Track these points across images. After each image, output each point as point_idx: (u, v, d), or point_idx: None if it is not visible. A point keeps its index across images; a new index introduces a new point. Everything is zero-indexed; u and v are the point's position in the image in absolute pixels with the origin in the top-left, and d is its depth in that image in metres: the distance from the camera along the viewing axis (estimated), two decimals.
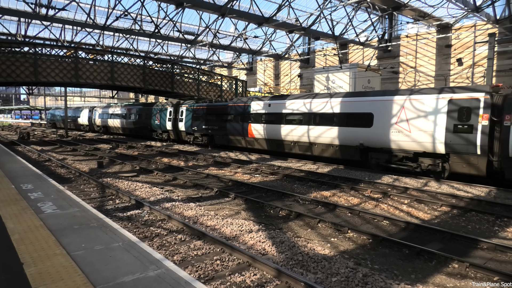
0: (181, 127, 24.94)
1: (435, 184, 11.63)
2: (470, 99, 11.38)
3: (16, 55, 21.71)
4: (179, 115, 24.96)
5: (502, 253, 6.10)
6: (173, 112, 25.78)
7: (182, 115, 24.66)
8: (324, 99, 15.94)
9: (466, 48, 25.08)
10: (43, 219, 5.69)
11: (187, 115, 24.13)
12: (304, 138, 16.45)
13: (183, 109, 24.68)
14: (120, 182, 11.60)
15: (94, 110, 39.72)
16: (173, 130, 25.95)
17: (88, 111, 41.39)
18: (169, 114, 26.21)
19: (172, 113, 25.92)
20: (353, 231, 7.07)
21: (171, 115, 25.97)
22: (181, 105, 25.13)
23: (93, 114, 39.84)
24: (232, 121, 20.39)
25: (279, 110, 17.62)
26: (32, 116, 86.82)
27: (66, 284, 3.56)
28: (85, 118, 42.29)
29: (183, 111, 24.63)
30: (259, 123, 18.57)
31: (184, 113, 24.49)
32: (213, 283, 4.75)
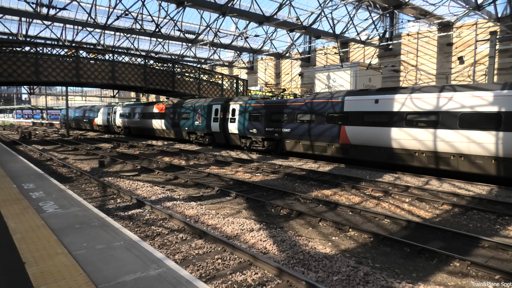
0: (232, 129, 20.63)
1: (436, 183, 11.61)
2: None
3: (17, 54, 21.76)
4: (230, 114, 20.67)
5: (503, 252, 6.09)
6: (221, 110, 21.48)
7: (234, 114, 20.42)
8: (482, 93, 11.36)
9: (467, 46, 25.01)
10: (45, 218, 5.71)
11: (242, 115, 19.89)
12: (443, 147, 12.05)
13: (235, 107, 20.46)
14: (121, 181, 11.61)
15: (114, 110, 35.17)
16: (220, 132, 21.65)
17: (106, 111, 36.79)
18: (214, 113, 21.90)
19: (219, 111, 21.60)
20: (354, 229, 7.06)
21: (217, 115, 21.64)
22: (233, 102, 20.95)
23: (113, 114, 35.32)
24: (313, 122, 16.19)
25: (395, 108, 13.38)
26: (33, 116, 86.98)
27: (68, 283, 3.57)
28: (102, 119, 37.50)
29: (235, 110, 20.40)
30: (359, 125, 14.31)
31: (236, 112, 20.25)
32: (214, 282, 4.76)
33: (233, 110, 20.54)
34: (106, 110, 36.56)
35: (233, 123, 20.50)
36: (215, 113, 21.81)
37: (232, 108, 20.64)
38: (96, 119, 38.84)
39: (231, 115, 20.62)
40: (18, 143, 25.15)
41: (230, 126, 20.68)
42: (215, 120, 21.77)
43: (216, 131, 21.87)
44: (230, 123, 20.66)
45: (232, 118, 20.56)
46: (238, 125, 20.14)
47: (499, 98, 10.96)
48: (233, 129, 20.54)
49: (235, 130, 20.41)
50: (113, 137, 32.73)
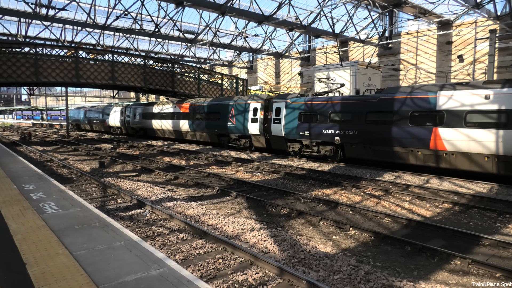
0: (276, 131, 17.65)
1: (436, 181, 11.61)
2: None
3: (17, 55, 21.75)
4: (273, 113, 17.83)
5: (504, 250, 6.09)
6: (261, 109, 18.72)
7: (278, 114, 17.55)
8: None
9: (467, 44, 25.00)
10: (45, 219, 5.71)
11: (289, 114, 16.95)
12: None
13: (280, 106, 17.60)
14: (122, 181, 11.61)
15: (129, 109, 32.61)
16: (259, 135, 18.85)
17: (120, 111, 33.95)
18: (252, 113, 19.10)
19: (258, 111, 18.82)
20: (355, 228, 7.06)
21: (256, 114, 18.86)
22: (277, 100, 18.15)
23: (128, 114, 32.61)
24: (390, 123, 13.32)
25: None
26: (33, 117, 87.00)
27: (69, 284, 3.57)
28: (116, 119, 34.68)
29: (280, 109, 17.53)
30: (463, 127, 11.52)
31: (282, 111, 17.36)
32: (215, 282, 4.76)
33: (278, 109, 17.61)
34: (120, 110, 33.87)
35: (277, 124, 17.48)
36: (254, 113, 18.98)
37: (276, 107, 17.74)
38: (108, 120, 36.14)
39: (275, 114, 17.66)
40: (18, 144, 25.16)
41: (274, 128, 17.65)
42: (254, 120, 18.92)
43: (255, 134, 18.95)
44: (273, 124, 17.67)
45: (276, 118, 17.59)
46: (284, 127, 17.08)
47: None
48: (277, 131, 17.50)
49: (279, 132, 17.37)
50: (113, 137, 32.72)
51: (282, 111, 17.42)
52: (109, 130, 37.23)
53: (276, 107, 17.83)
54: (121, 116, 33.62)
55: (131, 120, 31.83)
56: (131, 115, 32.00)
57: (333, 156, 15.54)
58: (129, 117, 32.20)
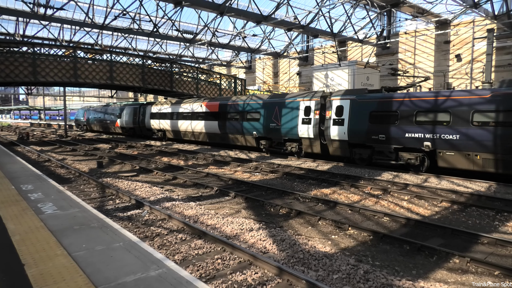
0: (337, 134, 14.92)
1: (435, 180, 11.64)
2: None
3: (15, 55, 21.68)
4: (333, 113, 15.15)
5: (502, 248, 6.12)
6: (315, 109, 16.02)
7: (340, 113, 14.87)
8: None
9: (464, 44, 25.06)
10: (44, 219, 5.69)
11: (356, 114, 14.34)
12: None
13: (343, 104, 14.89)
14: (120, 182, 11.59)
15: (143, 109, 30.00)
16: (313, 138, 16.13)
17: (132, 111, 31.45)
18: (304, 113, 16.39)
19: (311, 110, 16.11)
20: (353, 228, 7.07)
21: (309, 114, 16.19)
22: (338, 97, 15.21)
23: (142, 114, 30.15)
24: None
25: None
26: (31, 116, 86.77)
27: (68, 285, 3.56)
28: (127, 120, 32.10)
29: (343, 107, 14.84)
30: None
31: (346, 110, 14.71)
32: (214, 282, 4.76)
33: (339, 108, 14.93)
34: (133, 110, 31.25)
35: (339, 126, 14.80)
36: (306, 112, 16.27)
37: (337, 106, 15.03)
38: (119, 121, 33.30)
39: (336, 114, 14.99)
40: (16, 144, 25.08)
41: (334, 131, 14.97)
42: (306, 121, 16.20)
43: (307, 137, 16.23)
44: (333, 126, 15.01)
45: (337, 119, 14.92)
46: (349, 129, 14.45)
47: None
48: (338, 135, 14.88)
49: (342, 135, 14.73)
50: (111, 137, 32.65)
51: (346, 110, 14.67)
52: (119, 131, 34.71)
53: (337, 105, 15.04)
54: (134, 117, 30.99)
55: (147, 121, 29.08)
56: (146, 115, 29.26)
57: (418, 165, 12.88)
58: (145, 118, 29.48)
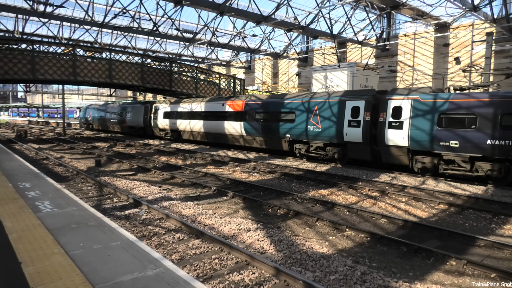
0: (394, 139, 13.11)
1: (432, 182, 11.67)
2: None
3: (14, 52, 21.62)
4: (390, 115, 13.28)
5: (499, 250, 6.14)
6: (365, 109, 14.16)
7: (399, 115, 13.09)
8: None
9: (463, 47, 25.14)
10: (41, 218, 5.68)
11: (421, 116, 12.57)
12: None
13: (401, 105, 13.12)
14: (118, 180, 11.58)
15: (155, 107, 27.89)
16: (362, 143, 14.19)
17: (142, 109, 29.48)
18: (351, 114, 14.55)
19: (361, 111, 14.25)
20: (351, 229, 7.09)
21: (357, 116, 14.32)
22: (397, 97, 13.38)
23: (154, 113, 28.01)
24: None
25: None
26: (29, 114, 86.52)
27: (64, 283, 3.55)
28: (137, 119, 30.28)
29: (401, 108, 13.08)
30: None
31: (406, 111, 12.92)
32: (211, 282, 4.76)
33: (397, 110, 13.15)
34: (144, 108, 29.34)
35: (396, 130, 13.03)
36: (354, 114, 14.42)
37: (394, 106, 13.24)
38: (128, 120, 31.43)
39: (393, 116, 13.21)
40: (14, 142, 25.00)
41: (390, 135, 13.18)
42: (353, 124, 14.35)
43: (354, 141, 14.36)
44: (389, 130, 13.22)
45: (394, 121, 13.12)
46: (410, 134, 12.65)
47: None
48: (395, 140, 13.07)
49: (400, 141, 12.94)
50: (109, 136, 32.58)
51: (406, 112, 12.90)
52: (128, 131, 32.71)
53: (394, 106, 13.26)
54: (145, 116, 29.12)
55: (160, 120, 27.10)
56: (158, 114, 27.32)
57: (501, 178, 11.16)
58: (157, 117, 27.54)
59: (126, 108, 32.10)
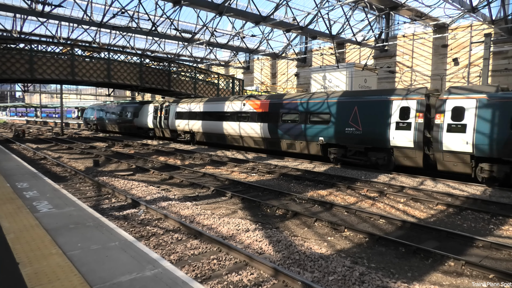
0: (454, 144, 11.60)
1: (431, 183, 11.69)
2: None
3: (12, 51, 21.56)
4: (450, 117, 11.77)
5: (497, 251, 6.15)
6: (418, 110, 12.64)
7: (460, 117, 11.61)
8: None
9: (462, 48, 25.21)
10: (39, 218, 5.65)
11: (489, 119, 11.10)
12: None
13: (463, 105, 11.63)
14: (116, 180, 11.55)
15: (166, 108, 26.01)
16: (415, 148, 12.63)
17: (152, 109, 27.82)
18: (399, 115, 13.06)
19: (412, 112, 12.76)
20: (349, 230, 7.09)
21: (406, 117, 12.86)
22: (454, 96, 11.88)
23: (164, 113, 26.28)
24: None
25: None
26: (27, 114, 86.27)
27: (62, 284, 3.53)
28: (146, 120, 28.52)
29: (464, 109, 11.61)
30: None
31: (471, 113, 11.41)
32: (210, 283, 4.75)
33: (457, 110, 11.59)
34: (154, 108, 27.67)
35: (457, 134, 11.44)
36: (402, 115, 12.91)
37: (454, 107, 11.66)
38: (136, 120, 29.90)
39: (452, 118, 11.62)
40: (12, 142, 24.92)
41: (449, 139, 11.61)
42: (402, 126, 12.84)
43: (404, 146, 12.83)
44: (447, 134, 11.64)
45: (454, 124, 11.53)
46: (475, 138, 11.10)
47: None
48: (456, 145, 11.47)
49: (463, 146, 11.34)
50: (108, 136, 32.50)
51: (470, 113, 11.35)
52: (135, 132, 31.11)
53: (454, 106, 11.66)
54: (155, 116, 27.51)
55: (171, 121, 25.37)
56: (170, 115, 25.65)
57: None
58: (168, 118, 25.80)
59: (134, 109, 30.45)
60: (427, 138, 12.55)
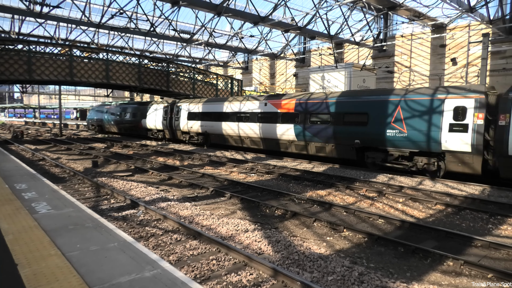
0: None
1: (429, 183, 11.71)
2: None
3: (10, 52, 21.50)
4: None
5: (496, 251, 6.16)
6: (477, 110, 11.28)
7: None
8: None
9: (460, 48, 25.26)
10: (38, 219, 5.64)
11: None
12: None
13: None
14: (115, 181, 11.53)
15: (178, 107, 24.58)
16: (474, 152, 11.32)
17: (162, 109, 26.28)
18: (454, 116, 11.73)
19: (470, 112, 11.43)
20: (348, 230, 7.09)
21: (462, 118, 11.57)
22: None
23: (176, 113, 24.77)
24: None
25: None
26: (25, 115, 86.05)
27: (61, 285, 3.53)
28: (155, 121, 27.09)
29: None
30: None
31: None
32: (209, 283, 4.75)
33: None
34: (163, 109, 26.23)
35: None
36: (457, 115, 11.58)
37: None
38: (144, 121, 28.53)
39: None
40: (10, 143, 24.86)
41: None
42: (457, 128, 11.51)
43: (458, 151, 11.54)
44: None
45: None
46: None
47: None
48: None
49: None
50: (106, 136, 32.46)
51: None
52: (143, 134, 29.53)
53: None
54: (165, 117, 26.01)
55: (183, 122, 23.98)
56: (181, 115, 24.17)
57: None
58: (179, 118, 24.39)
59: (141, 109, 29.03)
60: (487, 141, 11.20)
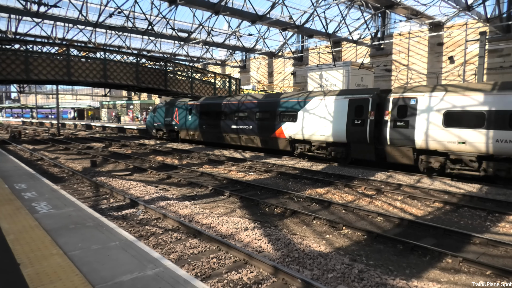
0: None
1: (428, 181, 11.77)
2: None
3: (7, 52, 21.39)
4: None
5: (494, 248, 6.22)
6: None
7: None
8: None
9: (457, 46, 25.35)
10: (38, 219, 5.65)
11: None
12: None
13: None
14: (114, 181, 11.53)
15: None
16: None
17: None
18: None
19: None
20: (348, 227, 7.13)
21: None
22: None
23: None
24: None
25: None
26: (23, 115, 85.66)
27: (64, 284, 3.55)
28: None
29: None
30: None
31: None
32: (210, 281, 4.77)
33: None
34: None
35: None
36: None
37: None
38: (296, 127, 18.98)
39: None
40: (8, 143, 24.77)
41: None
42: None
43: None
44: None
45: None
46: None
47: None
48: None
49: None
50: (104, 136, 32.40)
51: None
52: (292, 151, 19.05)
53: None
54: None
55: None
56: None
57: None
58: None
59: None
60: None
